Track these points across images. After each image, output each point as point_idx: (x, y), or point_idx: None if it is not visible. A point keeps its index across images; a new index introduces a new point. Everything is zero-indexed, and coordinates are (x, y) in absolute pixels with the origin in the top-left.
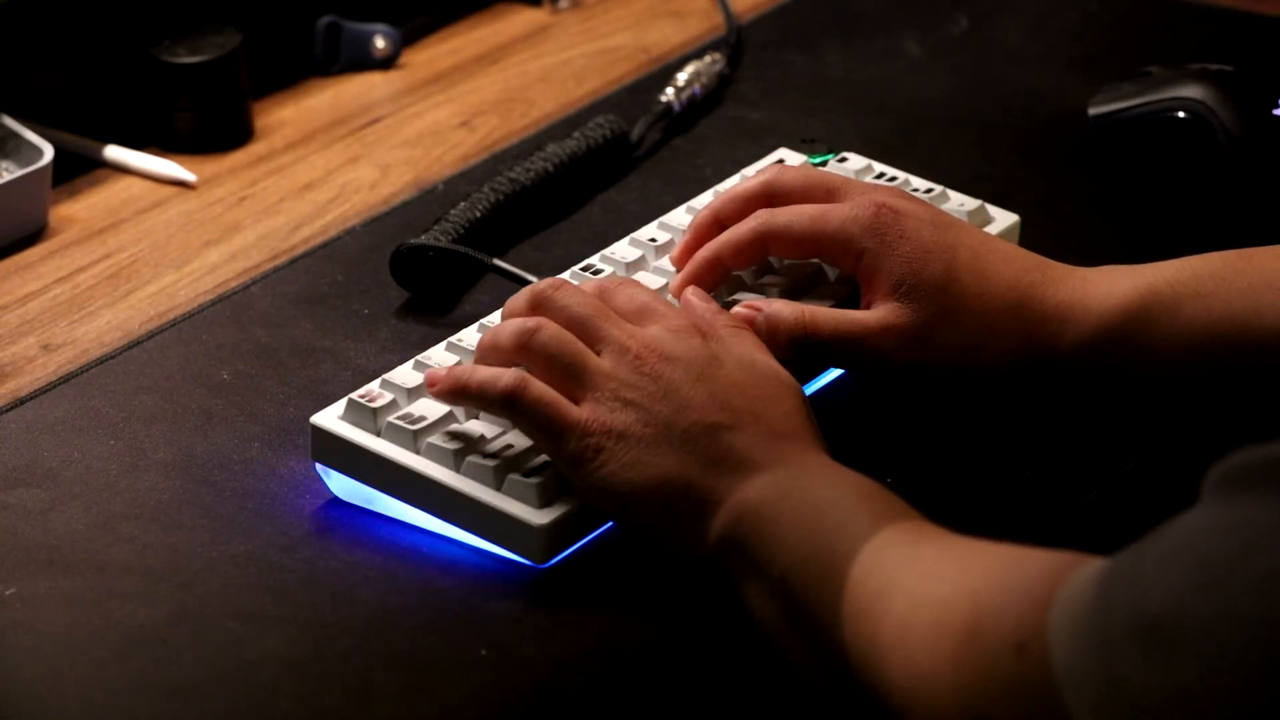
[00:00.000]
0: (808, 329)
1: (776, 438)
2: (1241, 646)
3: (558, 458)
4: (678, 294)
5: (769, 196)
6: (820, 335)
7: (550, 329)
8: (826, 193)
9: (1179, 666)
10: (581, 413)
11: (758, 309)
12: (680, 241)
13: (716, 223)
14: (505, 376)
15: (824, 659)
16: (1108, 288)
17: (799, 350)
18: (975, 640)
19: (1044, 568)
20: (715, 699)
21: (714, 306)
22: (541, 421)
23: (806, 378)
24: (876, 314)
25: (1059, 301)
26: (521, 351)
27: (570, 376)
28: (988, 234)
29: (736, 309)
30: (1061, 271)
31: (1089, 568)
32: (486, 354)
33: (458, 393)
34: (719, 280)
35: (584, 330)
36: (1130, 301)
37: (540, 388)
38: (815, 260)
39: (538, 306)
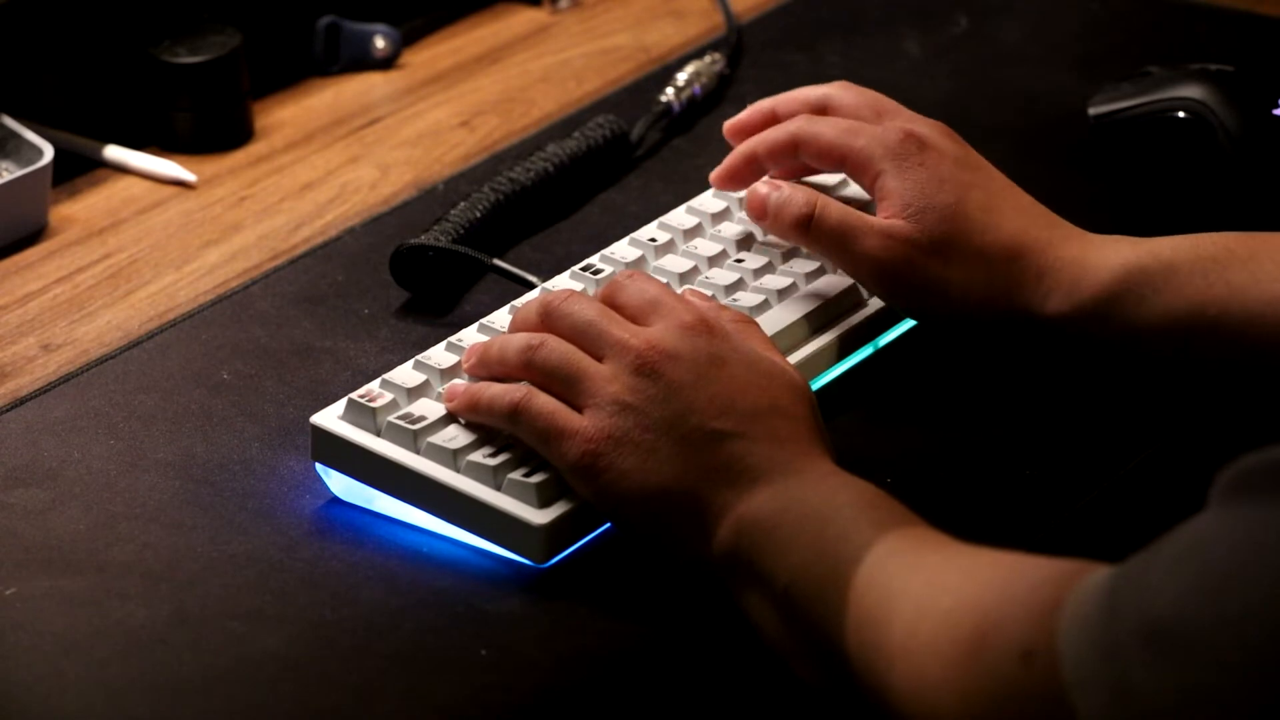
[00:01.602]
0: (815, 211)
1: (779, 444)
2: (1249, 652)
3: (561, 466)
4: (716, 181)
5: (825, 107)
6: (826, 222)
7: (552, 344)
8: (876, 114)
9: (1187, 672)
10: (582, 420)
11: (776, 186)
12: (736, 117)
13: (774, 115)
14: (511, 392)
15: (828, 670)
16: (1111, 250)
17: (802, 234)
18: (981, 648)
19: (1049, 575)
20: (715, 699)
21: (716, 304)
22: (542, 431)
23: (812, 375)
24: (882, 220)
25: (1059, 257)
26: (525, 368)
27: (572, 388)
28: (1012, 184)
29: (756, 185)
30: (1069, 232)
31: (1095, 574)
32: (493, 366)
33: (471, 408)
34: (753, 175)
35: (587, 337)
36: (1130, 263)
37: (542, 400)
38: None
39: (546, 318)
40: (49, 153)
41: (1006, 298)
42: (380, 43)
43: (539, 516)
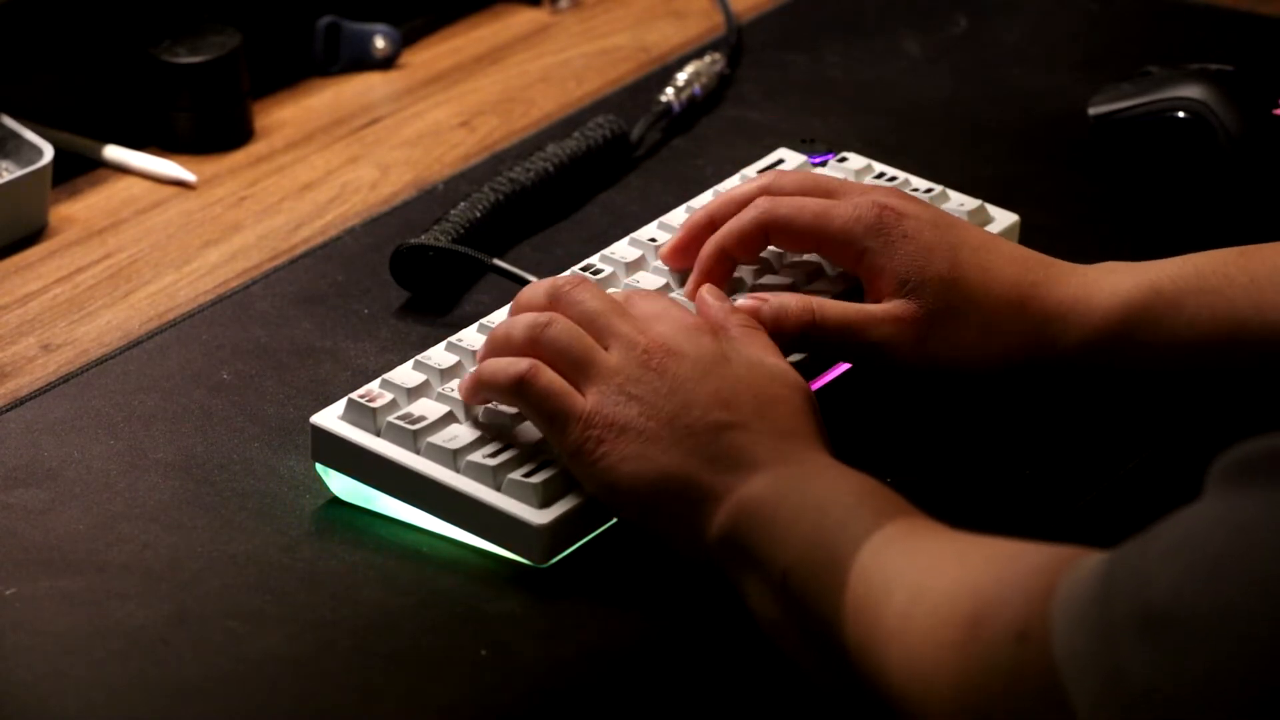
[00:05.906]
0: (815, 317)
1: (781, 437)
2: (1243, 639)
3: (561, 447)
4: (692, 295)
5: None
6: (827, 325)
7: (561, 324)
8: (824, 194)
9: (1181, 658)
10: (586, 403)
11: (764, 299)
12: (671, 239)
13: (711, 224)
14: (517, 364)
15: (824, 655)
16: (1110, 286)
17: (805, 340)
18: (976, 630)
19: (1045, 559)
20: (715, 699)
21: (728, 305)
22: (547, 409)
23: (813, 376)
24: (883, 306)
25: (1061, 299)
26: (532, 344)
27: (578, 370)
28: (989, 233)
29: (742, 300)
30: (1064, 269)
31: (1091, 559)
32: (499, 346)
33: (476, 387)
34: (729, 272)
35: (595, 326)
36: (1133, 299)
37: (549, 376)
38: (814, 259)
39: (554, 301)
40: (49, 153)
41: (1019, 346)
42: (380, 43)
43: (539, 516)
